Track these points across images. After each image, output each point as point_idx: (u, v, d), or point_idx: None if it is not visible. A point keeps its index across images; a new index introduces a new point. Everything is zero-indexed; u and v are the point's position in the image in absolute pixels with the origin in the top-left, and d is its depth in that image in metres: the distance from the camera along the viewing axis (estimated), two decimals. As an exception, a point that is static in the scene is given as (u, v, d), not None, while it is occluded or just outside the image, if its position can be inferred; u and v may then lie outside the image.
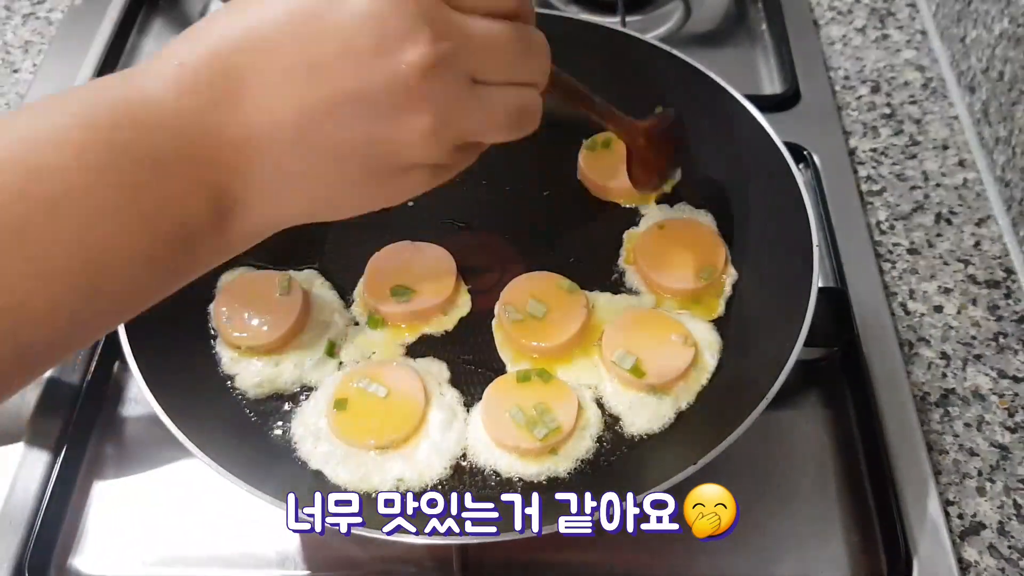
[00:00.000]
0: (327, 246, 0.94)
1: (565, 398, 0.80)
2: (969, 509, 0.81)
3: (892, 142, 1.11)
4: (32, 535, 0.78)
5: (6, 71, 1.22)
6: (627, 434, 0.80)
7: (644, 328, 0.84)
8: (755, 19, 1.26)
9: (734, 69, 1.17)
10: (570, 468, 0.78)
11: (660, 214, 0.95)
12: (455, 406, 0.82)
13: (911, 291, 0.96)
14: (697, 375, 0.83)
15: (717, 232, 0.93)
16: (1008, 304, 0.95)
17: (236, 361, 0.84)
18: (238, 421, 0.81)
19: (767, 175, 0.87)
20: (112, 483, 0.83)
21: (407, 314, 0.87)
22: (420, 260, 0.90)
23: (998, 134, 1.03)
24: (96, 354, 0.89)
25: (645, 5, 1.27)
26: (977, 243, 1.00)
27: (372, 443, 0.78)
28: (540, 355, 0.84)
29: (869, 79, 1.18)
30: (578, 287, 0.87)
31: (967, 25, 1.12)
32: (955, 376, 0.90)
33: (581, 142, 1.01)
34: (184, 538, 0.80)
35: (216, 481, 0.67)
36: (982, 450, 0.85)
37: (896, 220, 1.02)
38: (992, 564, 0.78)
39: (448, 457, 0.79)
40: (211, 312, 0.87)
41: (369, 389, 0.80)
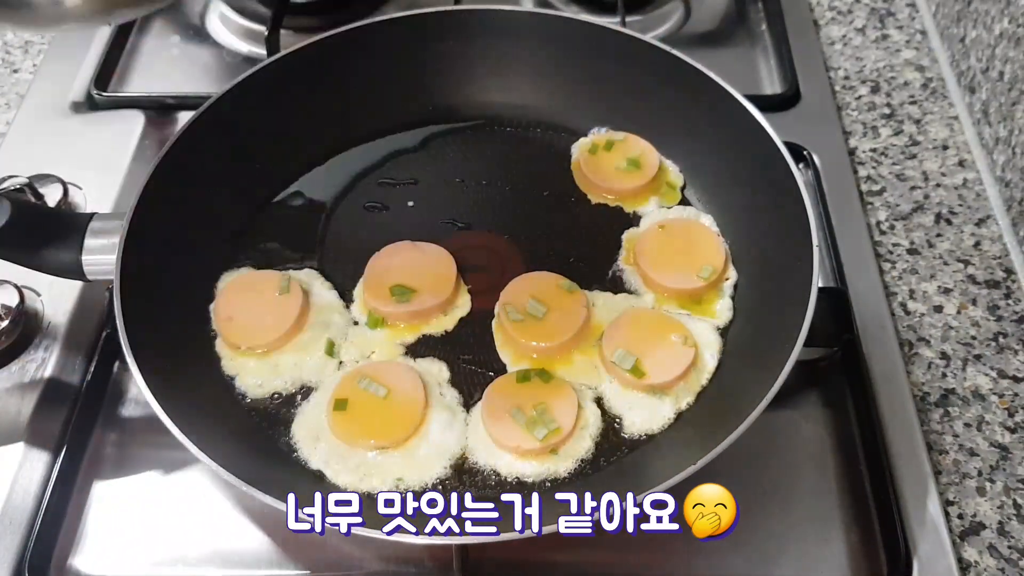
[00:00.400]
0: (327, 245, 0.94)
1: (565, 398, 0.80)
2: (969, 509, 0.81)
3: (892, 142, 1.11)
4: (32, 535, 0.78)
5: (6, 71, 1.22)
6: (627, 434, 0.80)
7: (644, 328, 0.84)
8: (755, 19, 1.26)
9: (734, 69, 1.17)
10: (570, 468, 0.78)
11: (660, 215, 0.95)
12: (455, 406, 0.82)
13: (911, 291, 0.96)
14: (697, 375, 0.83)
15: (717, 232, 0.93)
16: (1008, 304, 0.95)
17: (236, 361, 0.84)
18: (238, 421, 0.81)
19: (767, 175, 0.87)
20: (112, 483, 0.83)
21: (407, 314, 0.87)
22: (420, 260, 0.90)
23: (998, 134, 1.03)
24: (96, 354, 0.90)
25: (645, 5, 1.27)
26: (977, 243, 1.00)
27: (372, 443, 0.78)
28: (540, 355, 0.84)
29: (869, 79, 1.18)
30: (578, 287, 0.87)
31: (967, 25, 1.12)
32: (955, 376, 0.90)
33: (581, 143, 1.01)
34: (184, 538, 0.80)
35: (216, 481, 0.67)
36: (982, 450, 0.85)
37: (896, 220, 1.02)
38: (992, 564, 0.78)
39: (448, 457, 0.79)
40: (211, 312, 0.87)
41: (369, 389, 0.80)
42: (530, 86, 1.04)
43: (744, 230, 0.92)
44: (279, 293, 0.86)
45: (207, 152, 0.91)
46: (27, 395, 0.88)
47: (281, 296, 0.86)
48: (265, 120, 0.96)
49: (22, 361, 0.90)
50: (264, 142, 0.97)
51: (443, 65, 1.03)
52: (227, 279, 0.90)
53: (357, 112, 1.02)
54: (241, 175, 0.96)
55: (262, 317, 0.84)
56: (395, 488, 0.76)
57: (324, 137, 1.02)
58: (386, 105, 1.03)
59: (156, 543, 0.79)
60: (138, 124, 1.12)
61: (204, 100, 0.92)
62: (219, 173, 0.93)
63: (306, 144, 1.01)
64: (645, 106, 1.00)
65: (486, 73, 1.04)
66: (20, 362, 0.90)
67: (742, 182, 0.92)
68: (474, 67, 1.04)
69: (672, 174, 0.99)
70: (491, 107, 1.05)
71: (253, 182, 0.96)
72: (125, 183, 1.05)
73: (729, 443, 0.68)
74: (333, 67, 0.99)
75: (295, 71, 0.97)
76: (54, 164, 1.05)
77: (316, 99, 0.99)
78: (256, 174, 0.97)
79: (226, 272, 0.91)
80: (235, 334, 0.84)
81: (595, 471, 0.78)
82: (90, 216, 0.83)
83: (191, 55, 1.21)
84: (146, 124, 1.12)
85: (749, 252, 0.91)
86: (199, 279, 0.89)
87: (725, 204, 0.95)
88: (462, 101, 1.05)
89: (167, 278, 0.85)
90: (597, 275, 0.91)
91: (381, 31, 1.00)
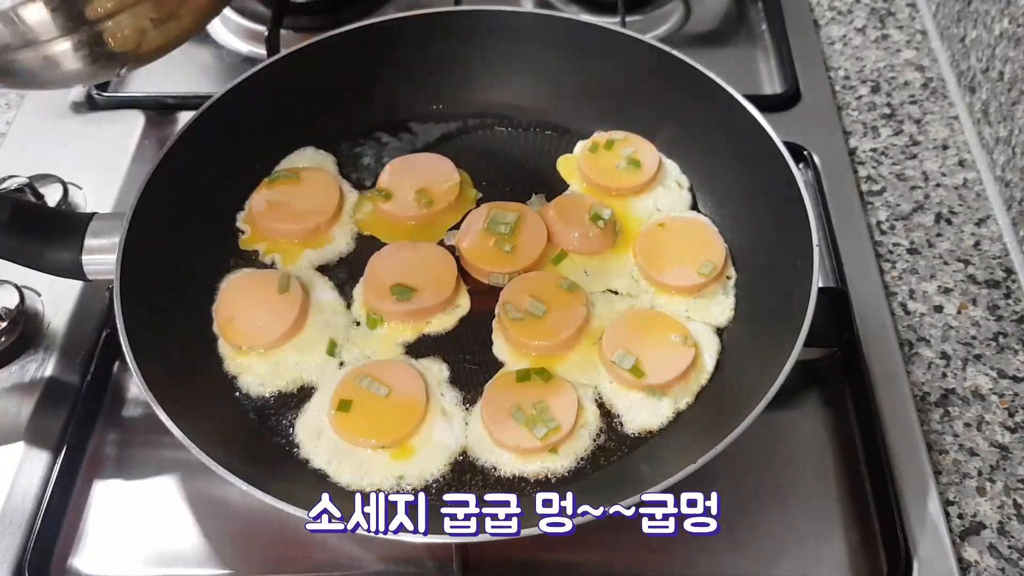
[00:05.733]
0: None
1: (565, 397, 0.80)
2: (969, 509, 0.81)
3: (892, 142, 1.11)
4: (32, 535, 0.78)
5: (6, 71, 1.22)
6: (627, 433, 0.81)
7: (644, 328, 0.84)
8: (755, 19, 1.26)
9: (734, 69, 1.17)
10: (570, 467, 0.78)
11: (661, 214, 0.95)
12: (455, 405, 0.82)
13: (911, 291, 0.96)
14: (697, 375, 0.83)
15: (717, 231, 0.93)
16: (1008, 304, 0.95)
17: (238, 361, 0.84)
18: (239, 421, 0.81)
19: (767, 175, 0.87)
20: (112, 483, 0.83)
21: (407, 313, 0.87)
22: (420, 260, 0.90)
23: (998, 134, 1.03)
24: (96, 354, 0.90)
25: (645, 5, 1.27)
26: (977, 243, 1.00)
27: (373, 442, 0.78)
28: (540, 354, 0.84)
29: (869, 79, 1.18)
30: (578, 286, 0.87)
31: (967, 25, 1.12)
32: (955, 376, 0.90)
33: (580, 144, 1.01)
34: (184, 538, 0.80)
35: (216, 481, 0.67)
36: (982, 450, 0.85)
37: (896, 220, 1.02)
38: (992, 564, 0.78)
39: (448, 455, 0.79)
40: (212, 312, 0.87)
41: (370, 388, 0.80)
42: (530, 86, 1.04)
43: (744, 230, 0.92)
44: (280, 292, 0.86)
45: (207, 152, 0.91)
46: (27, 395, 0.88)
47: (282, 295, 0.86)
48: (265, 120, 0.96)
49: (22, 361, 0.90)
50: (264, 142, 0.97)
51: (443, 65, 1.03)
52: (228, 279, 0.90)
53: (357, 112, 1.02)
54: (241, 175, 0.96)
55: (263, 316, 0.85)
56: (396, 486, 0.76)
57: (324, 137, 1.02)
58: (386, 105, 1.03)
59: (156, 543, 0.79)
60: (138, 124, 1.12)
61: (204, 100, 0.92)
62: (219, 173, 0.93)
63: (306, 143, 1.01)
64: (645, 106, 1.00)
65: (486, 73, 1.04)
66: (20, 362, 0.90)
67: (742, 182, 0.92)
68: (474, 67, 1.04)
69: (676, 173, 0.99)
70: (491, 107, 1.05)
71: (254, 181, 0.96)
72: (125, 183, 1.05)
73: (729, 443, 0.68)
74: (333, 67, 0.99)
75: (295, 71, 0.97)
76: (54, 164, 1.05)
77: (316, 99, 1.00)
78: (257, 174, 0.97)
79: (227, 273, 0.91)
80: (236, 334, 0.84)
81: (595, 470, 0.78)
82: (90, 216, 0.83)
83: (191, 55, 1.21)
84: (146, 124, 1.12)
85: (749, 252, 0.91)
86: (200, 279, 0.89)
87: (725, 204, 0.95)
88: (462, 101, 1.05)
89: (167, 278, 0.85)
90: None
91: (381, 31, 1.00)
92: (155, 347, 0.77)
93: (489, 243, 0.90)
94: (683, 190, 0.98)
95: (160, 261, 0.84)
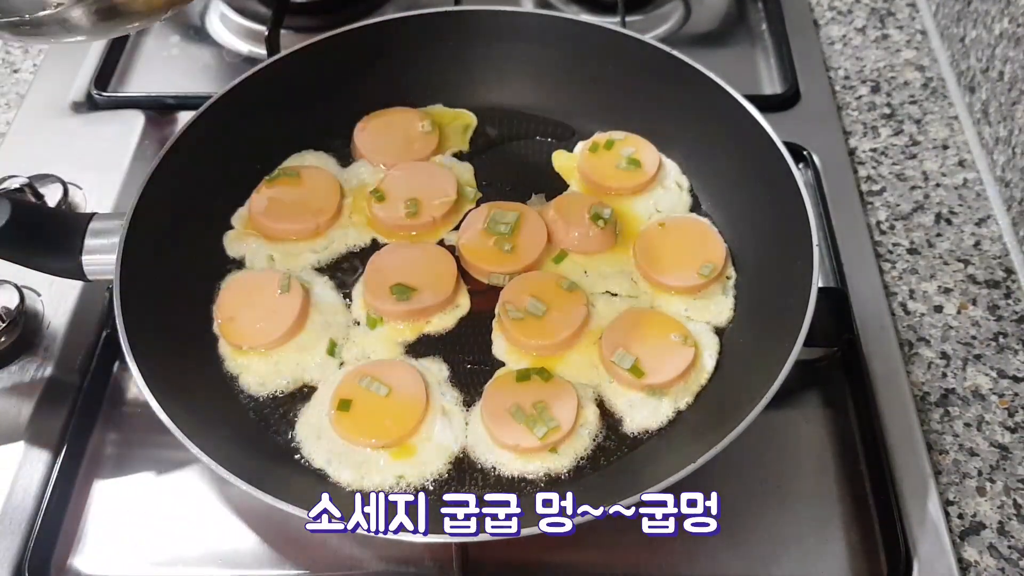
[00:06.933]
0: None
1: (565, 397, 0.80)
2: (969, 509, 0.81)
3: (892, 142, 1.11)
4: (32, 535, 0.78)
5: (6, 71, 1.22)
6: (627, 433, 0.81)
7: (644, 328, 0.84)
8: (755, 19, 1.26)
9: (734, 69, 1.17)
10: (570, 466, 0.78)
11: (661, 214, 0.95)
12: (455, 405, 0.82)
13: (911, 291, 0.96)
14: (696, 375, 0.83)
15: (717, 231, 0.93)
16: (1008, 304, 0.95)
17: (238, 360, 0.84)
18: (239, 421, 0.81)
19: (767, 175, 0.87)
20: (112, 483, 0.83)
21: (407, 313, 0.87)
22: (420, 260, 0.90)
23: (998, 134, 1.03)
24: (96, 354, 0.90)
25: (645, 5, 1.27)
26: (977, 243, 1.00)
27: (373, 441, 0.78)
28: (540, 353, 0.84)
29: (869, 79, 1.18)
30: (578, 285, 0.87)
31: (967, 25, 1.12)
32: (955, 376, 0.90)
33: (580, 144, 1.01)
34: (184, 538, 0.80)
35: (216, 481, 0.67)
36: (982, 450, 0.85)
37: (896, 220, 1.02)
38: (992, 564, 0.78)
39: (448, 455, 0.79)
40: (213, 312, 0.87)
41: (371, 388, 0.80)
42: (530, 86, 1.04)
43: (744, 230, 0.92)
44: (280, 292, 0.86)
45: (207, 152, 0.91)
46: (27, 395, 0.88)
47: (282, 295, 0.86)
48: (265, 120, 0.96)
49: (22, 361, 0.90)
50: (264, 142, 0.97)
51: (443, 65, 1.04)
52: (228, 279, 0.90)
53: (357, 111, 1.02)
54: (241, 174, 0.96)
55: (263, 316, 0.85)
56: (396, 486, 0.76)
57: (324, 137, 1.02)
58: (386, 105, 1.03)
59: (156, 543, 0.79)
60: (138, 124, 1.12)
61: (204, 100, 0.92)
62: (219, 172, 0.93)
63: (306, 143, 1.01)
64: (645, 106, 1.00)
65: (486, 73, 1.04)
66: (20, 362, 0.90)
67: (742, 182, 0.92)
68: (474, 67, 1.04)
69: (676, 173, 0.99)
70: (491, 107, 1.05)
71: (254, 181, 0.96)
72: (125, 183, 1.05)
73: (728, 442, 0.68)
74: (333, 67, 0.99)
75: (295, 71, 0.97)
76: (54, 164, 1.05)
77: (316, 99, 1.00)
78: (257, 173, 0.97)
79: (227, 273, 0.91)
80: (237, 334, 0.84)
81: (595, 470, 0.78)
82: (90, 216, 0.83)
83: (191, 55, 1.21)
84: (146, 124, 1.12)
85: (749, 252, 0.91)
86: (200, 279, 0.89)
87: (725, 204, 0.95)
88: (462, 101, 1.05)
89: (167, 278, 0.85)
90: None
91: (381, 31, 1.00)
92: (155, 347, 0.77)
93: (489, 243, 0.90)
94: (683, 190, 0.98)
95: (160, 261, 0.84)
